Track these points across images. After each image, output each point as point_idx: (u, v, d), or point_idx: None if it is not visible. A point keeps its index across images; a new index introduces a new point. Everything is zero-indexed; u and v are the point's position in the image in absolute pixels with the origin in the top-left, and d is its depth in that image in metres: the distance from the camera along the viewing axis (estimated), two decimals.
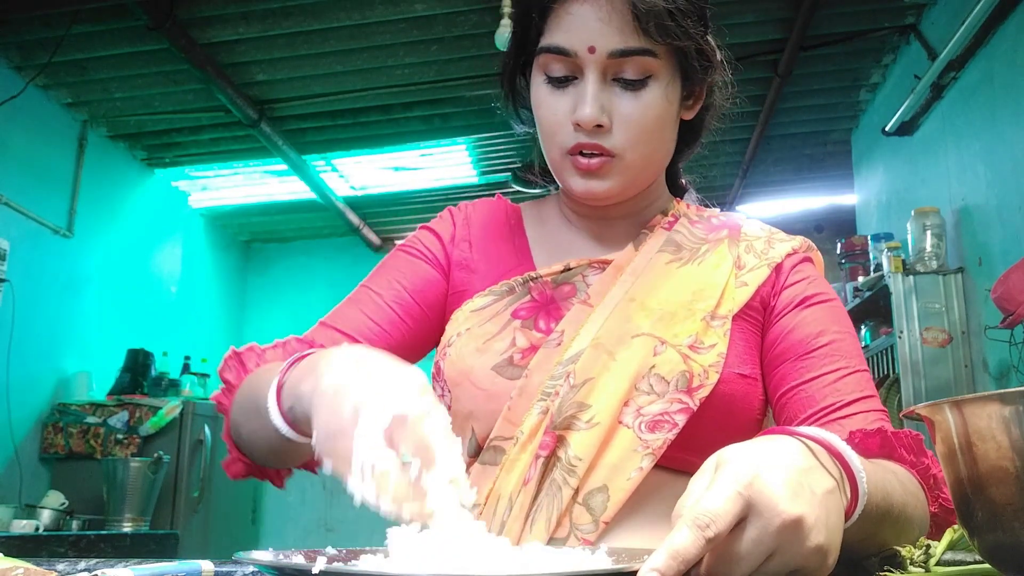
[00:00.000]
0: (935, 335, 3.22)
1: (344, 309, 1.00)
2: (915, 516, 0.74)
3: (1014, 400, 0.49)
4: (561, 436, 0.88)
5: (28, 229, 4.03)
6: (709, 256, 0.99)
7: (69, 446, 4.13)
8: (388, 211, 5.68)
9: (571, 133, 0.92)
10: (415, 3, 3.48)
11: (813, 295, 0.97)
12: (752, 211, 5.65)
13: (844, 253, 4.08)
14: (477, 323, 0.96)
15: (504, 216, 1.09)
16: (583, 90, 0.90)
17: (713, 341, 0.91)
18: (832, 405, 0.88)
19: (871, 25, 3.72)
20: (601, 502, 0.85)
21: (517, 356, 0.93)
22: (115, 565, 0.64)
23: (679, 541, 0.48)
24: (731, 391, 0.90)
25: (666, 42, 0.88)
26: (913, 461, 0.80)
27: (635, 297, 0.95)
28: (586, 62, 0.89)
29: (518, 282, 0.98)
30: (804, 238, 1.04)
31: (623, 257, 0.99)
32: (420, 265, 1.04)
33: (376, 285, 1.02)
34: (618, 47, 0.88)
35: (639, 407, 0.88)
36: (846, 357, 0.91)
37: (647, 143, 0.93)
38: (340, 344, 0.93)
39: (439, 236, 1.07)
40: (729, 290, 0.95)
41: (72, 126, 4.42)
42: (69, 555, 3.28)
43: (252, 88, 4.13)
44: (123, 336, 4.69)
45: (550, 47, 0.91)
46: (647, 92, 0.90)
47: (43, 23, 3.61)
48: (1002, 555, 0.52)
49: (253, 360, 0.93)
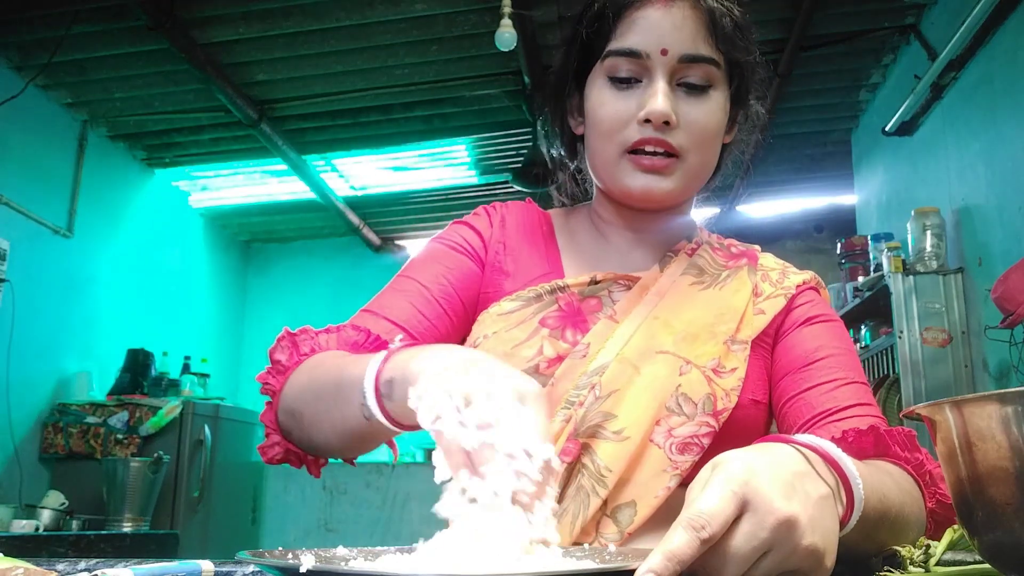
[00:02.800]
0: (935, 335, 3.22)
1: (392, 298, 0.99)
2: (912, 516, 0.75)
3: (1014, 400, 0.49)
4: (586, 444, 0.90)
5: (28, 229, 4.04)
6: (730, 281, 1.02)
7: (69, 446, 4.13)
8: (388, 211, 5.68)
9: (636, 129, 0.94)
10: (415, 3, 3.48)
11: (816, 315, 1.00)
12: (752, 211, 5.65)
13: (844, 253, 4.08)
14: (504, 327, 0.97)
15: (537, 222, 1.10)
16: (654, 88, 0.93)
17: (734, 365, 0.94)
18: (828, 410, 0.89)
19: (871, 25, 3.72)
20: (628, 516, 0.88)
21: (543, 365, 0.94)
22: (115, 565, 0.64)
23: (674, 543, 0.49)
24: (745, 416, 0.93)
25: (732, 54, 0.94)
26: (907, 458, 0.81)
27: (659, 316, 0.97)
28: (656, 64, 0.93)
29: (545, 290, 0.99)
30: (814, 274, 1.08)
31: (649, 277, 1.01)
32: (464, 260, 1.04)
33: (424, 278, 1.01)
34: (689, 51, 0.92)
35: (670, 428, 0.90)
36: (844, 369, 0.94)
37: (707, 148, 0.97)
38: (391, 333, 0.93)
39: (480, 234, 1.07)
40: (748, 316, 0.99)
41: (72, 126, 4.42)
42: (69, 555, 3.28)
43: (252, 88, 4.13)
44: (123, 336, 4.69)
45: (622, 49, 0.94)
46: (709, 99, 0.95)
47: (43, 23, 3.61)
48: (1002, 555, 0.52)
49: (308, 344, 0.91)
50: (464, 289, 1.02)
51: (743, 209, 5.59)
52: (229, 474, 4.63)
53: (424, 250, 1.07)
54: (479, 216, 1.10)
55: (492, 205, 1.12)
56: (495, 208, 1.11)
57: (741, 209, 5.57)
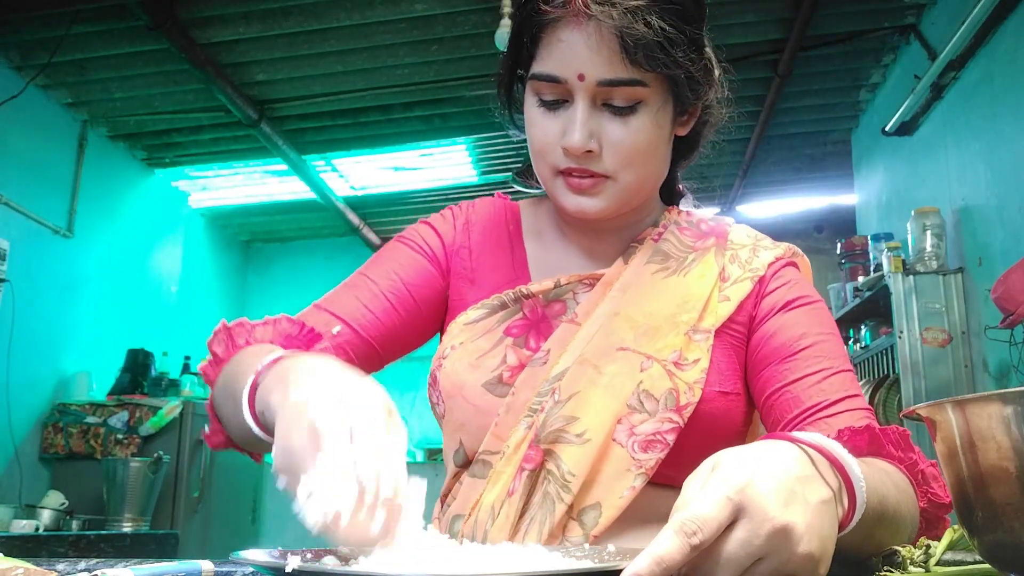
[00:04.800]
0: (935, 335, 3.22)
1: (340, 293, 1.01)
2: (907, 515, 0.75)
3: (1014, 400, 0.49)
4: (548, 450, 0.89)
5: (28, 229, 4.04)
6: (695, 266, 1.00)
7: (69, 446, 4.13)
8: (388, 211, 5.68)
9: (561, 156, 0.92)
10: (415, 3, 3.48)
11: (795, 299, 0.97)
12: (752, 211, 5.65)
13: (844, 253, 4.08)
14: (470, 338, 0.98)
15: (504, 221, 1.09)
16: (572, 116, 0.90)
17: (696, 356, 0.92)
18: (817, 405, 0.88)
19: (871, 25, 3.72)
20: (593, 518, 0.87)
21: (506, 374, 0.94)
22: (115, 565, 0.64)
23: (664, 547, 0.48)
24: (712, 410, 0.91)
25: (655, 71, 0.88)
26: (901, 457, 0.81)
27: (620, 311, 0.95)
28: (575, 89, 0.89)
29: (510, 297, 0.99)
30: (790, 245, 1.04)
31: (612, 272, 0.99)
32: (418, 259, 1.04)
33: (373, 274, 1.02)
34: (606, 76, 0.88)
35: (632, 426, 0.89)
36: (829, 358, 0.92)
37: (638, 166, 0.93)
38: (329, 324, 0.94)
39: (440, 236, 1.07)
40: (712, 303, 0.96)
41: (72, 126, 4.42)
42: (69, 555, 3.28)
43: (252, 88, 4.13)
44: (123, 336, 4.69)
45: (540, 75, 0.91)
46: (636, 118, 0.90)
47: (43, 23, 3.61)
48: (1002, 555, 0.52)
49: (243, 336, 0.92)
50: (417, 286, 1.02)
51: (743, 209, 5.59)
52: (229, 474, 4.63)
53: (384, 248, 1.07)
54: (443, 218, 1.09)
55: (459, 205, 1.11)
56: (461, 209, 1.10)
57: (741, 209, 5.57)
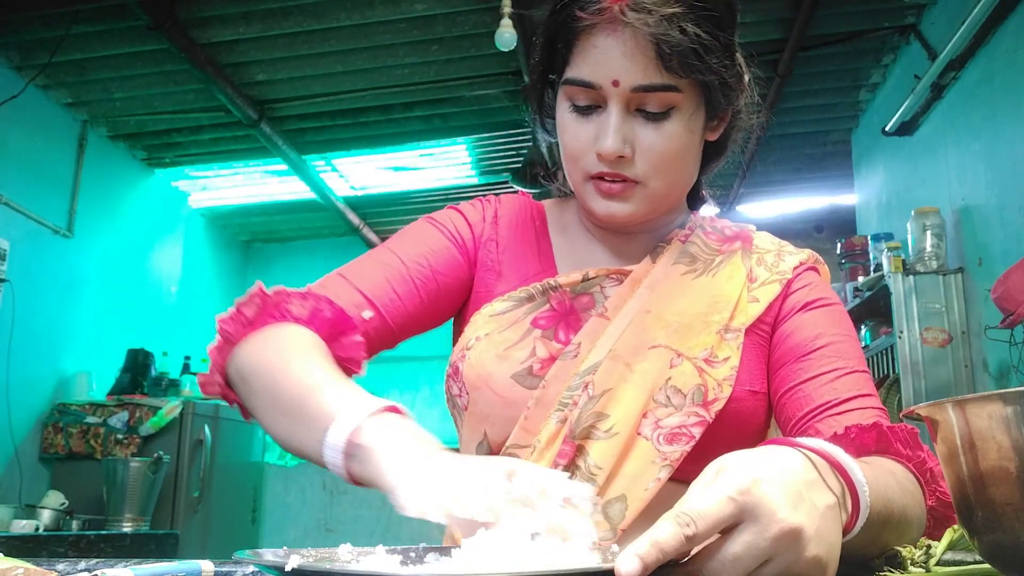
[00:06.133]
0: (935, 335, 3.22)
1: (368, 267, 0.99)
2: (914, 516, 0.75)
3: (1015, 400, 0.49)
4: (580, 445, 0.89)
5: (28, 229, 4.04)
6: (723, 268, 1.00)
7: (69, 446, 4.13)
8: (388, 211, 5.68)
9: (594, 161, 0.93)
10: (415, 3, 3.48)
11: (814, 300, 0.98)
12: (752, 211, 5.65)
13: (844, 253, 4.08)
14: (496, 329, 0.97)
15: (530, 216, 1.09)
16: (606, 121, 0.90)
17: (727, 354, 0.92)
18: (828, 403, 0.88)
19: (871, 25, 3.72)
20: (619, 511, 0.87)
21: (536, 366, 0.94)
22: (115, 565, 0.64)
23: (659, 531, 0.49)
24: (742, 408, 0.92)
25: (689, 77, 0.89)
26: (909, 455, 0.81)
27: (651, 309, 0.96)
28: (610, 94, 0.90)
29: (537, 290, 0.99)
30: (812, 251, 1.05)
31: (640, 270, 1.00)
32: (448, 246, 1.04)
33: (405, 254, 1.01)
34: (641, 83, 0.88)
35: (657, 419, 0.89)
36: (844, 358, 0.92)
37: (670, 172, 0.94)
38: (360, 307, 0.93)
39: (471, 226, 1.07)
40: (742, 304, 0.97)
41: (72, 126, 4.42)
42: (69, 555, 3.28)
43: (252, 88, 4.13)
44: (123, 336, 4.69)
45: (575, 80, 0.91)
46: (669, 124, 0.91)
47: (43, 23, 3.61)
48: (1002, 555, 0.52)
49: (279, 309, 0.92)
50: (443, 273, 1.01)
51: (743, 209, 5.59)
52: (229, 474, 4.63)
53: (413, 226, 1.07)
54: (474, 208, 1.10)
55: (487, 198, 1.11)
56: (490, 202, 1.11)
57: (741, 209, 5.57)
